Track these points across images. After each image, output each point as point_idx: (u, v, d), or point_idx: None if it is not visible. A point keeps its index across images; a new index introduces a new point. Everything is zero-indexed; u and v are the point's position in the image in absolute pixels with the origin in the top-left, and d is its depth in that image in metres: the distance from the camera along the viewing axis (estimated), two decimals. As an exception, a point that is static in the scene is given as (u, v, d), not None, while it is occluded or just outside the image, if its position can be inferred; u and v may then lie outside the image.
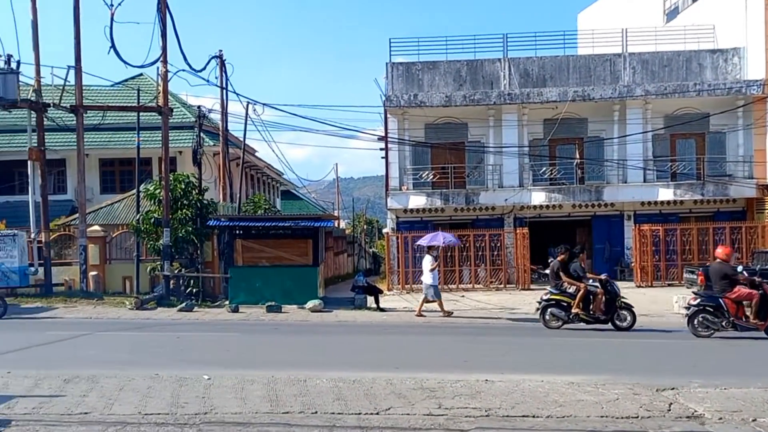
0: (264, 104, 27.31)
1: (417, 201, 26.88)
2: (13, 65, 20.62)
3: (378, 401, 8.29)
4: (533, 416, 7.70)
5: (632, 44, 27.36)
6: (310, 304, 18.78)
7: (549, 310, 15.08)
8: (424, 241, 19.55)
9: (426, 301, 18.03)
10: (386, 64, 27.29)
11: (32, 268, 20.81)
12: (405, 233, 25.88)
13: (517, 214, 27.57)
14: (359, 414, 7.77)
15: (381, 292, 20.57)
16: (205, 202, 22.07)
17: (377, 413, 7.79)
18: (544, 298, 15.19)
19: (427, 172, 27.40)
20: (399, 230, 26.77)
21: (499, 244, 25.66)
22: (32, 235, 21.23)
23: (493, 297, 22.31)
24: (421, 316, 17.74)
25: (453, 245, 21.83)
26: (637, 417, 7.63)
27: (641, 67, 27.38)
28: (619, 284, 16.45)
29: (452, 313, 17.99)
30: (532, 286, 25.13)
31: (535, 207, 27.28)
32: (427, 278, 17.96)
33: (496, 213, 27.47)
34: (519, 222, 27.34)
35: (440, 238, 19.45)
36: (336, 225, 32.94)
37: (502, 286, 25.38)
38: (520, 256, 25.52)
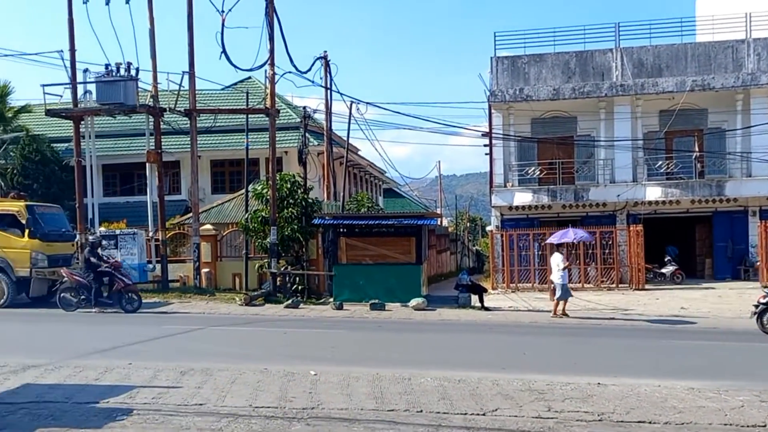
0: (367, 103, 27.51)
1: (522, 198, 26.29)
2: (133, 72, 21.71)
3: (484, 402, 8.10)
4: (650, 422, 7.31)
5: (757, 29, 25.63)
6: (414, 302, 18.71)
7: None
8: (554, 239, 18.99)
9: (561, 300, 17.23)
10: (491, 58, 26.86)
11: (150, 265, 21.88)
12: (510, 231, 25.37)
13: (631, 211, 26.42)
14: (465, 414, 7.62)
15: (485, 290, 20.23)
16: (310, 200, 22.45)
17: (484, 414, 7.62)
18: (762, 301, 13.91)
19: (533, 168, 26.75)
20: (504, 228, 26.27)
21: (610, 242, 24.68)
22: (150, 234, 22.31)
23: (605, 297, 21.47)
24: (565, 315, 17.03)
25: (585, 241, 21.15)
26: (765, 426, 7.06)
27: (767, 54, 25.57)
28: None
29: (567, 315, 17.20)
30: (646, 286, 24.00)
31: (650, 203, 26.04)
32: (556, 277, 17.29)
33: (607, 209, 26.44)
34: (632, 219, 26.19)
35: (571, 235, 18.87)
36: (439, 223, 32.78)
37: (614, 285, 24.39)
38: (633, 254, 24.43)
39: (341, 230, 20.31)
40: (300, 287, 20.98)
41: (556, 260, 17.45)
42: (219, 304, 19.14)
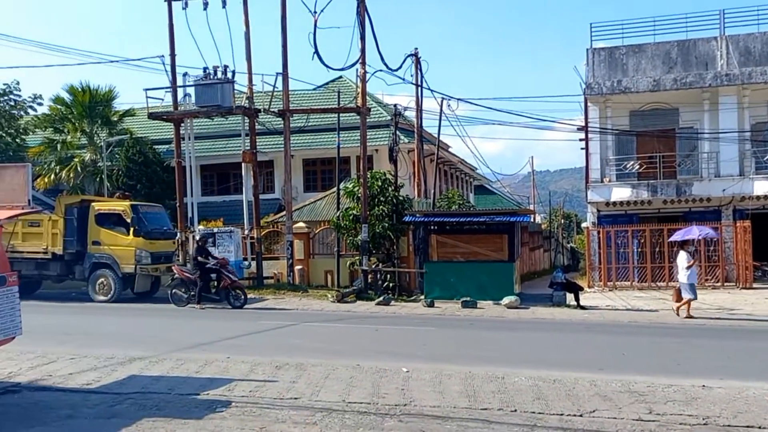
0: (459, 99, 27.37)
1: (620, 193, 25.36)
2: (229, 75, 22.39)
3: (581, 403, 7.85)
4: (759, 427, 6.88)
5: None
6: (506, 300, 18.41)
7: None
8: (677, 236, 18.19)
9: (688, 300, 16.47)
10: (587, 50, 26.05)
11: (246, 262, 22.51)
12: (607, 227, 24.53)
13: (737, 206, 25.01)
14: (561, 415, 7.40)
15: (581, 289, 19.65)
16: (401, 198, 22.48)
17: (581, 415, 7.37)
18: None
19: (632, 163, 25.75)
20: (600, 224, 25.43)
21: (715, 239, 23.46)
22: (245, 232, 22.95)
23: (709, 296, 20.41)
24: (690, 317, 16.27)
25: (711, 238, 20.23)
26: None
27: None
28: None
29: (692, 317, 16.29)
30: (754, 285, 22.66)
31: (758, 197, 24.54)
32: (682, 276, 16.47)
33: (711, 205, 25.13)
34: (739, 214, 24.77)
35: (695, 231, 18.08)
36: (532, 220, 32.10)
37: (719, 284, 23.16)
38: (740, 251, 23.12)
39: (432, 227, 20.24)
40: (391, 284, 21.04)
41: (681, 259, 16.62)
42: (312, 301, 19.44)
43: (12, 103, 25.26)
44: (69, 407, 7.79)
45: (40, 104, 26.81)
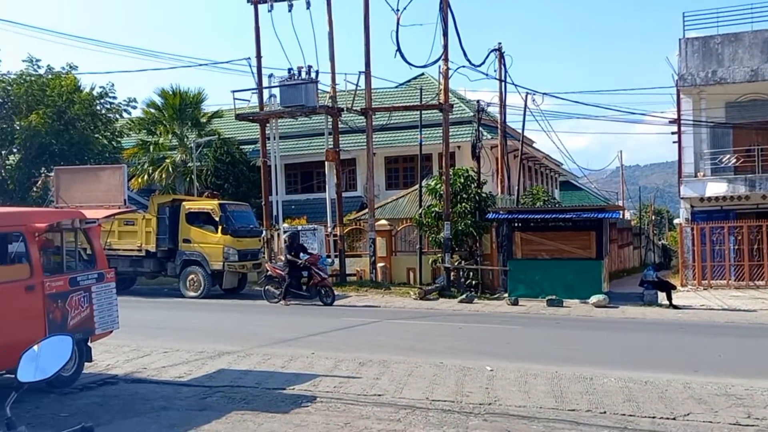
0: (544, 93, 26.74)
1: (716, 188, 24.19)
2: (313, 75, 22.68)
3: (675, 405, 7.53)
4: None
5: None
6: (594, 299, 17.89)
7: None
8: None
9: None
10: (679, 40, 24.95)
11: (329, 259, 22.76)
12: (701, 224, 23.46)
13: (844, 200, 23.41)
14: (653, 418, 7.13)
15: (674, 287, 18.87)
16: (484, 195, 22.21)
17: (674, 418, 7.08)
18: None
19: (728, 156, 24.52)
20: (694, 221, 24.34)
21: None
22: (329, 229, 23.23)
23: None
24: None
25: None
26: None
27: None
28: None
29: None
30: None
31: None
32: None
33: (815, 200, 23.63)
34: None
35: None
36: (621, 216, 31.06)
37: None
38: None
39: (516, 225, 19.90)
40: (474, 282, 20.83)
41: None
42: (394, 298, 19.48)
43: (108, 107, 26.47)
44: (163, 399, 8.07)
45: (134, 107, 28.01)
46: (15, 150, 24.26)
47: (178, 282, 20.05)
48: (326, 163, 23.48)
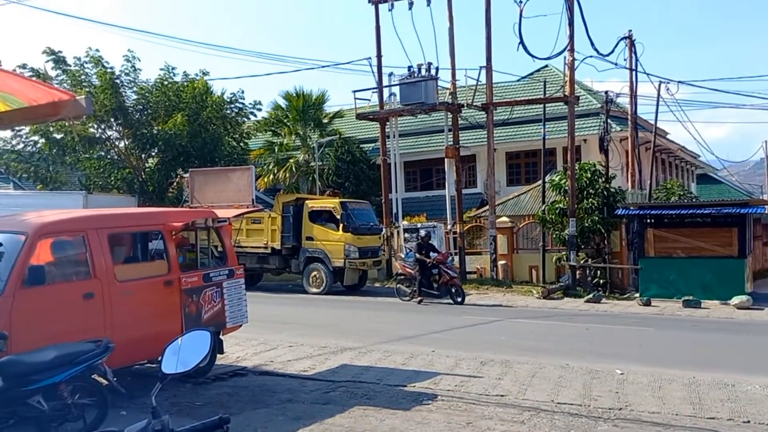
0: (679, 82, 25.33)
1: None
2: (432, 72, 22.64)
3: (835, 419, 6.83)
4: None
5: None
6: (736, 300, 16.67)
7: None
8: None
9: None
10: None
11: (450, 257, 22.63)
12: None
13: None
14: (808, 431, 6.50)
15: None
16: (612, 190, 21.29)
17: (833, 433, 6.42)
18: None
19: None
20: None
21: None
22: (448, 227, 23.09)
23: None
24: None
25: None
26: None
27: None
28: None
29: None
30: None
31: None
32: None
33: None
34: None
35: None
36: (766, 211, 28.83)
37: None
38: None
39: (648, 221, 18.91)
40: (601, 281, 20.01)
41: None
42: (516, 297, 19.09)
43: (237, 110, 27.65)
44: (288, 392, 8.28)
45: (259, 110, 29.08)
46: (153, 153, 25.85)
47: (302, 278, 20.60)
48: (446, 159, 23.39)
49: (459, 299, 17.31)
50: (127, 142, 25.73)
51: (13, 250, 6.90)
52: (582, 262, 20.46)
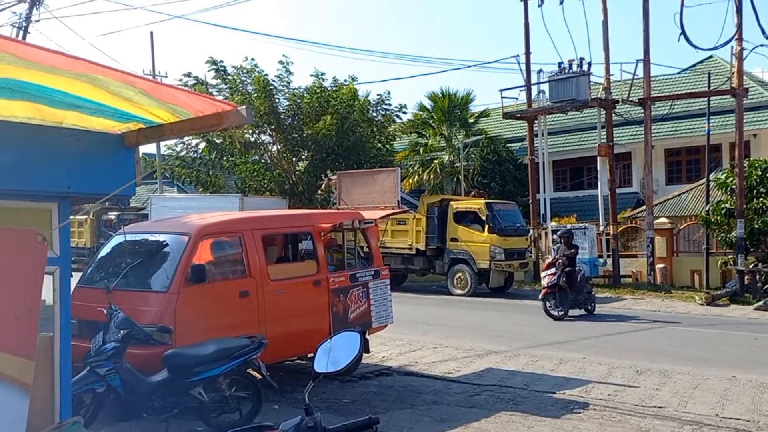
0: None
1: None
2: (585, 67, 21.83)
3: None
4: None
5: None
6: None
7: None
8: None
9: None
10: None
11: (601, 260, 21.71)
12: None
13: None
14: None
15: None
16: (787, 188, 19.48)
17: None
18: None
19: None
20: None
21: None
22: (601, 228, 22.14)
23: None
24: None
25: None
26: None
27: None
28: None
29: None
30: None
31: None
32: None
33: None
34: None
35: None
36: None
37: None
38: None
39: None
40: (774, 287, 18.36)
41: None
42: (675, 302, 17.97)
43: (383, 113, 28.15)
44: (433, 393, 8.27)
45: (405, 113, 29.42)
46: (303, 156, 26.93)
47: (446, 279, 20.55)
48: (598, 158, 22.49)
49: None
50: (279, 146, 26.99)
51: (178, 250, 7.40)
52: (752, 266, 18.90)
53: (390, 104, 28.15)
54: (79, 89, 3.27)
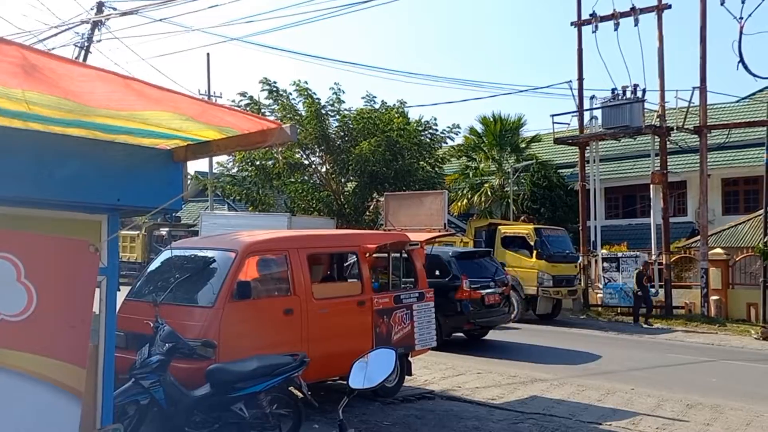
0: None
1: None
2: (639, 94, 21.48)
3: None
4: None
5: None
6: None
7: None
8: None
9: None
10: None
11: (653, 290, 21.17)
12: None
13: None
14: None
15: None
16: None
17: None
18: None
19: None
20: None
21: None
22: (653, 257, 21.62)
23: None
24: None
25: None
26: None
27: None
28: None
29: None
30: None
31: None
32: None
33: None
34: None
35: None
36: None
37: None
38: None
39: None
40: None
41: None
42: (730, 336, 17.37)
43: (430, 137, 28.18)
44: (475, 419, 8.14)
45: (457, 134, 29.37)
46: (351, 177, 27.10)
47: (494, 305, 20.29)
48: (651, 186, 22.01)
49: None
50: (328, 167, 27.23)
51: (224, 266, 7.50)
52: (811, 301, 18.17)
53: (437, 129, 28.20)
54: (131, 124, 3.46)
